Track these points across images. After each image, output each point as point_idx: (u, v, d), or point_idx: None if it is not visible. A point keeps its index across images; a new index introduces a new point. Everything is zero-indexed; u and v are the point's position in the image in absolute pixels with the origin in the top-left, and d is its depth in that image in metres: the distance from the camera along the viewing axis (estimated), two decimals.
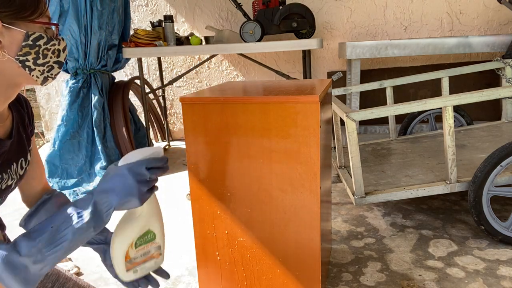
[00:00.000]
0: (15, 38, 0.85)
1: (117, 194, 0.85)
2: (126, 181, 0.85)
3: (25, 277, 0.76)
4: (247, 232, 1.48)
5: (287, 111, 1.32)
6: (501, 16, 3.85)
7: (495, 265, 1.86)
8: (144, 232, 0.95)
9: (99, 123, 3.23)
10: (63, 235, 0.81)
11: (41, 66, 0.91)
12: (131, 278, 0.97)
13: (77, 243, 0.83)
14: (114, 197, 0.85)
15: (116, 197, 0.85)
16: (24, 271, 0.76)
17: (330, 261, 1.98)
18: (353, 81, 3.54)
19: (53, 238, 0.80)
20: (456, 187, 2.05)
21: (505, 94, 2.02)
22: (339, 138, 2.54)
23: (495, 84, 3.81)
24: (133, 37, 3.30)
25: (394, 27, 3.97)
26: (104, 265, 1.06)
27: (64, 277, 1.21)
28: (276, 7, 3.28)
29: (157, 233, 0.98)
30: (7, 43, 0.84)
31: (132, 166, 0.87)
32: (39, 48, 0.89)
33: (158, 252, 1.00)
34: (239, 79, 4.32)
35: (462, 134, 2.92)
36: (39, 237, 0.78)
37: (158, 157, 0.93)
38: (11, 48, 0.85)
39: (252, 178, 1.42)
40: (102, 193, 0.85)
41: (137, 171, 0.87)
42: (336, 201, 2.67)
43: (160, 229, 0.99)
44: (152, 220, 0.96)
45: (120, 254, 0.93)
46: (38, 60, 0.90)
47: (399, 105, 1.98)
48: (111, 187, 0.85)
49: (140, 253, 0.96)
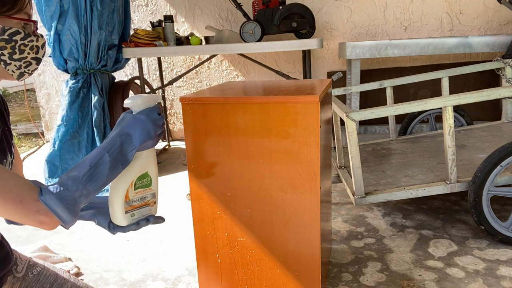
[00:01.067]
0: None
1: (138, 137, 0.95)
2: (145, 126, 0.96)
3: (74, 209, 0.86)
4: (247, 232, 1.48)
5: (287, 111, 1.32)
6: (501, 16, 3.85)
7: (495, 265, 1.86)
8: (142, 174, 1.00)
9: (99, 123, 3.23)
10: (101, 171, 0.91)
11: (18, 61, 0.94)
12: (128, 222, 1.01)
13: (110, 178, 0.93)
14: (136, 139, 0.95)
15: (137, 139, 0.95)
16: (73, 204, 0.87)
17: (330, 261, 1.98)
18: (353, 81, 3.54)
19: (93, 175, 0.89)
20: (456, 187, 2.05)
21: (505, 94, 2.02)
22: (339, 138, 2.54)
23: (495, 84, 3.81)
24: (133, 37, 3.30)
25: (394, 27, 3.97)
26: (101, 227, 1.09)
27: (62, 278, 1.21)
28: (276, 7, 3.28)
29: (153, 179, 1.03)
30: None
31: (148, 113, 0.97)
32: (15, 43, 0.91)
33: (153, 200, 1.04)
34: (239, 79, 4.32)
35: (462, 134, 2.92)
36: (82, 174, 0.88)
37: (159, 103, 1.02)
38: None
39: (252, 178, 1.42)
40: (126, 135, 0.95)
41: (153, 117, 0.98)
42: (336, 201, 2.67)
43: (155, 176, 1.04)
44: (149, 164, 1.02)
45: (121, 192, 0.98)
46: (14, 55, 0.92)
47: (399, 105, 1.98)
48: (133, 131, 0.95)
49: (138, 196, 1.01)
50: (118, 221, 1.00)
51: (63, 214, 0.84)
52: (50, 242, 2.35)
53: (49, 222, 0.85)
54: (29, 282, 1.14)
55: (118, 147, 0.93)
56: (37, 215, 0.83)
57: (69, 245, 2.32)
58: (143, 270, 2.02)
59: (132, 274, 1.99)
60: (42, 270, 1.18)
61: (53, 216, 0.85)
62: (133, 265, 2.07)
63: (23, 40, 0.93)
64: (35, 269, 1.17)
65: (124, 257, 2.15)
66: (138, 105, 0.98)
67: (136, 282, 1.92)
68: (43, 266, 1.20)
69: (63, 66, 3.26)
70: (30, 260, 1.16)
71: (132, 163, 0.97)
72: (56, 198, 0.84)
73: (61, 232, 2.47)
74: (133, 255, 2.17)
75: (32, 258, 1.18)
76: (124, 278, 1.96)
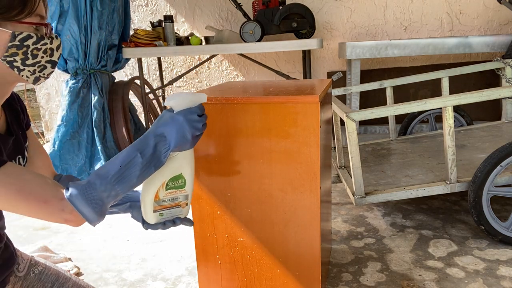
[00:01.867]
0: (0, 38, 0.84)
1: (174, 139, 0.93)
2: (182, 128, 0.94)
3: (100, 209, 0.87)
4: (247, 232, 1.48)
5: (287, 111, 1.32)
6: (501, 16, 3.85)
7: (495, 265, 1.86)
8: (176, 175, 0.99)
9: (99, 123, 3.23)
10: (131, 172, 0.89)
11: (31, 66, 0.89)
12: (155, 220, 1.01)
13: (141, 179, 0.92)
14: (171, 141, 0.93)
15: (173, 141, 0.93)
16: (100, 205, 0.87)
17: (330, 261, 1.98)
18: (353, 81, 3.54)
19: (123, 176, 0.89)
20: (456, 187, 2.05)
21: (505, 94, 2.02)
22: (339, 138, 2.54)
23: (495, 84, 3.81)
24: (133, 37, 3.30)
25: (394, 27, 3.97)
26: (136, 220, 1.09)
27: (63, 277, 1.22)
28: (276, 7, 3.28)
29: (188, 181, 1.01)
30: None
31: (187, 113, 0.94)
32: (27, 49, 0.87)
33: (185, 202, 1.03)
34: (239, 79, 4.32)
35: (462, 134, 2.92)
36: (111, 174, 0.87)
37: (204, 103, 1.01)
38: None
39: (252, 178, 1.42)
40: (161, 136, 0.93)
41: (192, 119, 0.95)
42: (336, 201, 2.67)
43: (190, 178, 1.02)
44: (185, 165, 1.00)
45: (151, 192, 0.97)
46: (27, 60, 0.88)
47: (399, 105, 1.98)
48: (169, 132, 0.93)
49: (168, 197, 0.99)
50: (147, 218, 1.00)
51: (88, 214, 0.85)
52: (50, 242, 2.35)
53: (75, 220, 0.86)
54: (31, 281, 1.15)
55: (151, 148, 0.91)
56: (62, 213, 0.85)
57: (69, 245, 2.32)
58: (143, 270, 2.02)
59: (132, 274, 1.99)
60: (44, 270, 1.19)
61: (78, 214, 0.86)
62: (133, 265, 2.07)
63: (35, 44, 0.88)
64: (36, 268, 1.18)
65: (124, 257, 2.15)
66: (178, 104, 0.94)
67: (136, 282, 1.92)
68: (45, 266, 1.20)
69: (63, 66, 3.26)
70: (31, 259, 1.17)
71: (166, 164, 0.95)
72: (82, 198, 0.85)
73: (61, 232, 2.47)
74: (133, 255, 2.17)
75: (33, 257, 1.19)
76: (124, 278, 1.96)
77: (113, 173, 0.88)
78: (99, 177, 0.87)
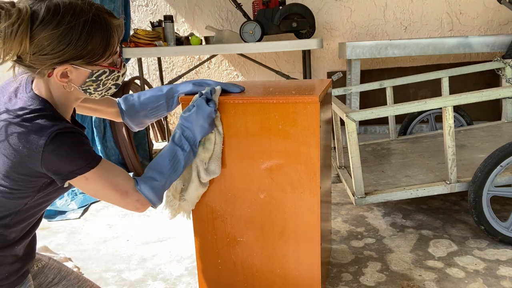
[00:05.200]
0: (81, 74, 1.03)
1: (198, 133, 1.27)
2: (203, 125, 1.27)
3: (162, 195, 1.20)
4: (247, 232, 1.48)
5: (287, 111, 1.32)
6: (501, 16, 3.85)
7: (495, 265, 1.86)
8: None
9: (99, 123, 3.23)
10: (179, 164, 1.22)
11: (101, 91, 1.11)
12: None
13: (185, 167, 1.26)
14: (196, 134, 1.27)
15: (198, 134, 1.27)
16: (161, 192, 1.20)
17: (330, 261, 1.98)
18: (353, 81, 3.54)
19: (173, 167, 1.21)
20: (456, 187, 2.05)
21: (505, 94, 2.02)
22: (339, 138, 2.54)
23: (495, 84, 3.81)
24: (133, 37, 3.30)
25: (394, 27, 3.97)
26: None
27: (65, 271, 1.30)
28: (276, 7, 3.28)
29: None
30: (74, 78, 1.03)
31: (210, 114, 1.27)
32: (101, 81, 1.08)
33: None
34: (239, 79, 4.32)
35: (462, 134, 2.92)
36: (165, 168, 1.19)
37: None
38: (77, 81, 1.04)
39: (252, 178, 1.42)
40: (189, 131, 1.25)
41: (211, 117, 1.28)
42: (336, 201, 2.67)
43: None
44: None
45: None
46: (98, 88, 1.09)
47: (399, 105, 1.98)
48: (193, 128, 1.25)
49: None
50: None
51: (155, 201, 1.17)
52: (50, 242, 2.35)
53: (143, 207, 1.16)
54: (34, 274, 1.22)
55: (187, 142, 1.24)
56: (136, 203, 1.14)
57: (69, 245, 2.32)
58: (143, 270, 2.02)
59: (132, 274, 1.99)
60: (47, 264, 1.27)
61: (148, 203, 1.16)
62: (133, 265, 2.07)
63: (107, 77, 1.08)
64: (40, 262, 1.26)
65: (124, 257, 2.15)
66: None
67: (136, 282, 1.92)
68: (48, 260, 1.28)
69: None
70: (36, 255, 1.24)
71: None
72: (150, 189, 1.15)
73: (61, 232, 2.47)
74: (133, 255, 2.17)
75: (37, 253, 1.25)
76: (124, 278, 1.96)
77: (166, 167, 1.19)
78: (156, 171, 1.18)
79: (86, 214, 2.73)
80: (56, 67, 0.99)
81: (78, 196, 2.91)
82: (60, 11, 0.95)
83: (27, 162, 0.97)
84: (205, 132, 1.28)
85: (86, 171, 1.03)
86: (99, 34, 1.00)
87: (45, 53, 0.95)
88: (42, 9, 0.94)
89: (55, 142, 0.97)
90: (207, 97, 1.29)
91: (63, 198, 2.87)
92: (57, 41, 0.95)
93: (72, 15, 0.96)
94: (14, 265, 1.08)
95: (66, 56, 0.97)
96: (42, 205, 1.10)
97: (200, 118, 1.24)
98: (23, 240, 1.10)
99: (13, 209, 1.03)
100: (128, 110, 1.40)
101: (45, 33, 0.94)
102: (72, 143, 1.00)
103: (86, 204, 2.84)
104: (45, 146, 0.96)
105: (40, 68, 0.98)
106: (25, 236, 1.10)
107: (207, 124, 1.27)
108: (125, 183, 1.12)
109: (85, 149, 1.03)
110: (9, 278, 1.07)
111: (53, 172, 1.00)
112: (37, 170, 0.99)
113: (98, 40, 1.00)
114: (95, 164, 1.04)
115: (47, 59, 0.96)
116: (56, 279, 1.26)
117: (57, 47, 0.95)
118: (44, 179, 1.02)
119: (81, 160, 1.01)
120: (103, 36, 1.01)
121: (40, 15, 0.94)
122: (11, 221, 1.04)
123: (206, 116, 1.25)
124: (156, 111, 1.40)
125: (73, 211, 2.74)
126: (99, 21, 1.00)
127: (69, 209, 2.77)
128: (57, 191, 1.09)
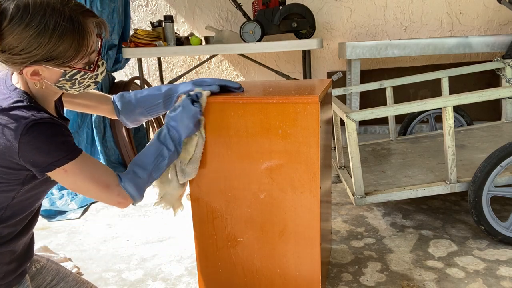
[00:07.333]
0: (54, 74, 1.02)
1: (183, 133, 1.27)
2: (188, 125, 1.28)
3: (143, 191, 1.19)
4: (247, 232, 1.48)
5: (287, 111, 1.32)
6: (501, 16, 3.85)
7: (495, 265, 1.86)
8: None
9: (99, 123, 3.23)
10: (162, 161, 1.22)
11: (77, 88, 1.09)
12: None
13: (168, 165, 1.26)
14: (181, 134, 1.27)
15: (183, 134, 1.27)
16: (143, 188, 1.18)
17: (330, 261, 1.98)
18: (353, 81, 3.54)
19: (157, 165, 1.21)
20: (456, 187, 2.05)
21: (505, 94, 2.02)
22: (339, 138, 2.54)
23: (495, 84, 3.81)
24: (133, 37, 3.30)
25: (394, 27, 3.97)
26: None
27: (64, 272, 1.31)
28: (276, 7, 3.28)
29: None
30: (46, 76, 1.01)
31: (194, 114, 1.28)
32: (75, 80, 1.06)
33: None
34: (239, 79, 4.32)
35: (462, 134, 2.92)
36: (149, 165, 1.19)
37: None
38: (50, 79, 1.02)
39: (252, 178, 1.42)
40: (174, 130, 1.25)
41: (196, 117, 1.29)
42: (336, 201, 2.67)
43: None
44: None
45: None
46: (74, 86, 1.07)
47: (399, 105, 1.98)
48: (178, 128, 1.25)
49: None
50: None
51: (137, 197, 1.16)
52: (50, 242, 2.35)
53: (125, 202, 1.14)
54: (32, 275, 1.21)
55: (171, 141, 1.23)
56: (117, 197, 1.12)
57: (69, 245, 2.32)
58: (143, 270, 2.02)
59: (132, 274, 1.99)
60: (45, 265, 1.26)
61: (129, 198, 1.14)
62: (133, 265, 2.07)
63: (82, 76, 1.06)
64: (37, 263, 1.25)
65: (124, 257, 2.15)
66: None
67: (136, 282, 1.92)
68: (46, 262, 1.27)
69: None
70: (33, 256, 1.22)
71: None
72: (132, 185, 1.14)
73: (61, 232, 2.47)
74: (133, 255, 2.17)
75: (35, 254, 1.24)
76: (124, 278, 1.96)
77: (150, 165, 1.18)
78: (140, 167, 1.17)
79: (86, 214, 2.73)
80: (27, 67, 0.98)
81: (78, 196, 2.91)
82: (29, 11, 0.93)
83: (5, 154, 0.96)
84: (190, 132, 1.29)
85: (64, 163, 1.00)
86: (70, 37, 0.97)
87: (14, 53, 0.95)
88: (10, 9, 0.92)
89: (31, 133, 0.95)
90: (192, 98, 1.30)
91: (63, 198, 2.87)
92: (26, 42, 0.93)
93: (42, 16, 0.94)
94: (11, 265, 1.07)
95: (36, 58, 0.96)
96: (32, 199, 1.09)
97: (185, 118, 1.25)
98: (20, 238, 1.09)
99: (1, 203, 1.02)
100: (124, 107, 1.41)
101: (15, 34, 0.92)
102: (50, 134, 0.98)
103: (86, 204, 2.84)
104: (21, 136, 0.94)
105: (11, 66, 0.98)
106: (21, 233, 1.10)
107: (192, 124, 1.28)
108: (106, 177, 1.10)
109: (64, 141, 1.00)
110: (6, 278, 1.06)
111: (31, 164, 0.98)
112: (16, 162, 0.98)
113: (69, 42, 0.97)
114: (74, 156, 1.02)
115: (17, 59, 0.96)
116: (54, 281, 1.25)
117: (26, 49, 0.94)
118: (25, 171, 1.00)
119: (59, 152, 0.99)
120: (75, 39, 0.98)
121: (8, 14, 0.92)
122: (1, 216, 1.03)
123: (191, 116, 1.26)
124: (153, 110, 1.41)
125: (73, 211, 2.74)
126: (71, 23, 0.97)
127: (69, 209, 2.77)
128: (44, 184, 1.07)
